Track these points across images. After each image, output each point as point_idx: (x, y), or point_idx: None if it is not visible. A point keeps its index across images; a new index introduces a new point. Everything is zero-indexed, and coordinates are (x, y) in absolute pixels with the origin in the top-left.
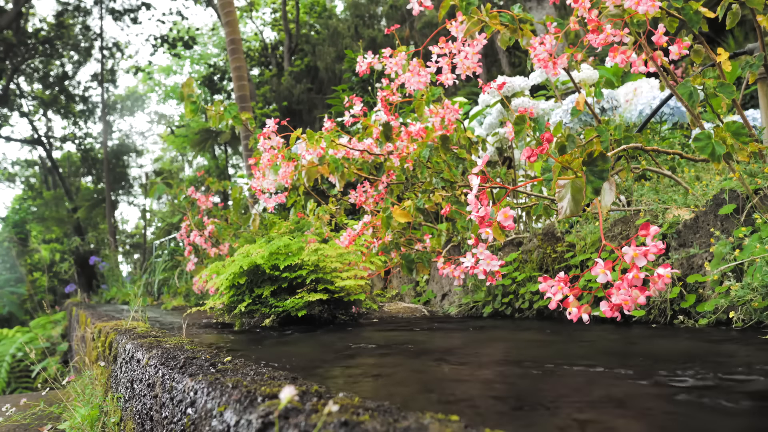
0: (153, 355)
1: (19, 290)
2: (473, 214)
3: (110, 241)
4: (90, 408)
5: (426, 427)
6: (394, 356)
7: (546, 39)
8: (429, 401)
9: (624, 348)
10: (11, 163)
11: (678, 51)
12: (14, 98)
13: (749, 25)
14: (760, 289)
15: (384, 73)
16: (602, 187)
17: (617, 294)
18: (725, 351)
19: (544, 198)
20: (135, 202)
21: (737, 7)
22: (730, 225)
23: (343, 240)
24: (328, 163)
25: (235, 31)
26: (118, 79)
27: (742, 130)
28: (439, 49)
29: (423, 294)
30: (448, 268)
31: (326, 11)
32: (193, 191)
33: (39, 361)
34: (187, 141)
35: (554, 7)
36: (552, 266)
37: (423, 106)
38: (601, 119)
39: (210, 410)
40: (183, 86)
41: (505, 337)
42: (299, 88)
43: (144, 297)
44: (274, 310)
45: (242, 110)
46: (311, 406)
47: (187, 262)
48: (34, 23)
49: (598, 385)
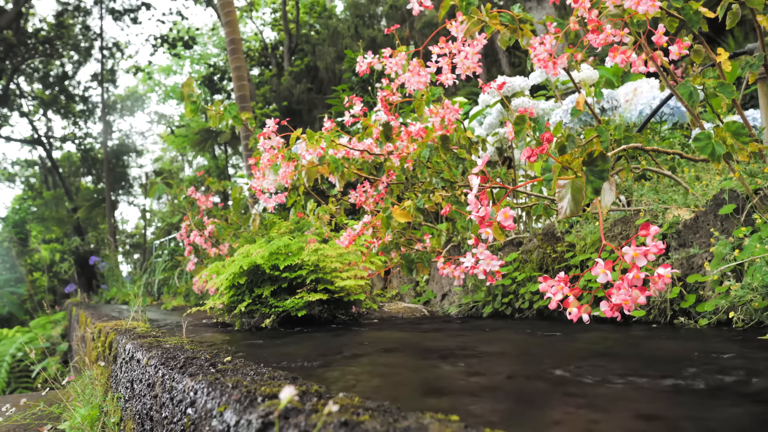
0: (153, 355)
1: (19, 290)
2: (473, 214)
3: (110, 241)
4: (90, 408)
5: (426, 427)
6: (394, 356)
7: (546, 39)
8: (429, 401)
9: (624, 348)
10: (11, 163)
11: (678, 51)
12: (14, 98)
13: (749, 25)
14: (760, 289)
15: (384, 73)
16: (602, 187)
17: (617, 294)
18: (725, 351)
19: (544, 198)
20: (135, 202)
21: (737, 7)
22: (730, 225)
23: (343, 240)
24: (328, 163)
25: (235, 31)
26: (118, 79)
27: (742, 130)
28: (439, 49)
29: (423, 294)
30: (448, 268)
31: (326, 11)
32: (193, 191)
33: (39, 361)
34: (187, 141)
35: (554, 7)
36: (552, 266)
37: (423, 106)
38: (601, 119)
39: (210, 410)
40: (183, 86)
41: (505, 337)
42: (299, 88)
43: (144, 297)
44: (274, 310)
45: (242, 110)
46: (311, 406)
47: (187, 262)
48: (34, 23)
49: (598, 385)
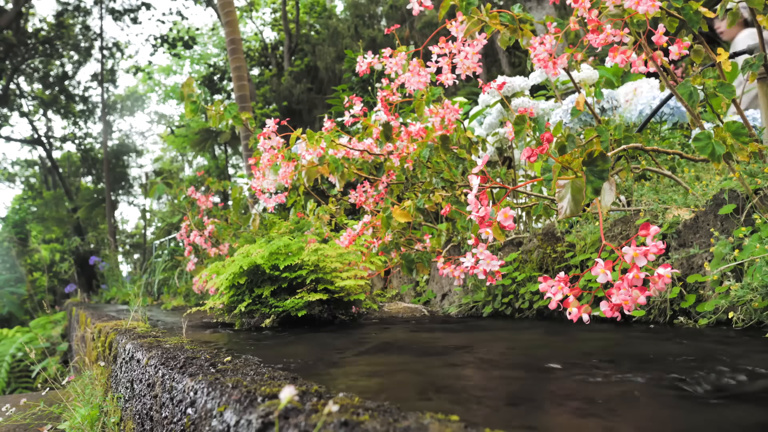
0: (153, 355)
1: (19, 290)
2: (473, 214)
3: (110, 241)
4: (90, 408)
5: (426, 427)
6: (394, 356)
7: (546, 39)
8: (429, 401)
9: (624, 348)
10: (11, 163)
11: (678, 51)
12: (14, 98)
13: None
14: (760, 289)
15: (384, 73)
16: (602, 187)
17: (617, 294)
18: (725, 351)
19: (544, 198)
20: (135, 202)
21: (737, 7)
22: (730, 225)
23: (343, 240)
24: (328, 163)
25: (235, 31)
26: (118, 79)
27: (742, 130)
28: (439, 49)
29: (423, 294)
30: (448, 268)
31: (326, 11)
32: (193, 191)
33: (39, 361)
34: (187, 141)
35: (554, 7)
36: (552, 266)
37: (423, 106)
38: (601, 119)
39: (210, 410)
40: (183, 86)
41: (505, 337)
42: (299, 88)
43: (144, 297)
44: (274, 310)
45: (242, 110)
46: (311, 406)
47: (187, 262)
48: (34, 23)
49: (598, 385)
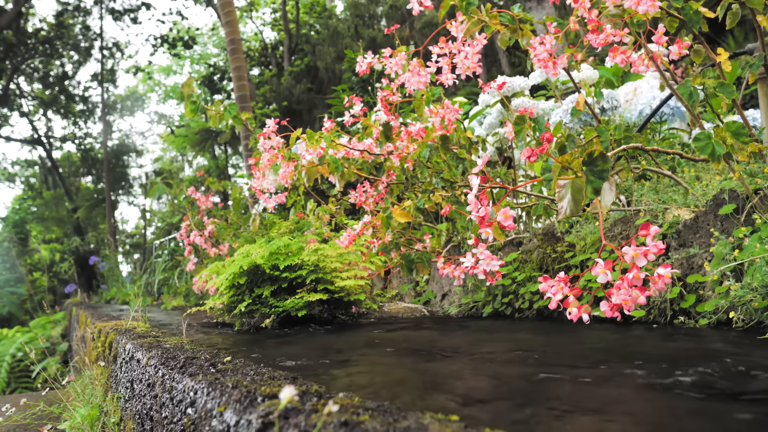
0: (153, 355)
1: (19, 290)
2: (473, 214)
3: (110, 241)
4: (90, 408)
5: (426, 427)
6: (394, 356)
7: (546, 39)
8: (429, 401)
9: (624, 348)
10: (11, 163)
11: (678, 51)
12: (14, 98)
13: (749, 25)
14: (760, 290)
15: (384, 73)
16: (602, 187)
17: (617, 294)
18: (725, 351)
19: (544, 198)
20: (135, 202)
21: (737, 7)
22: (730, 225)
23: (343, 240)
24: (328, 163)
25: (235, 31)
26: (118, 79)
27: (742, 130)
28: (439, 49)
29: (423, 294)
30: (448, 268)
31: (326, 11)
32: (193, 191)
33: (39, 361)
34: (187, 141)
35: (554, 7)
36: (552, 266)
37: (423, 106)
38: (601, 119)
39: (210, 410)
40: (183, 86)
41: (505, 337)
42: (299, 88)
43: (144, 297)
44: (274, 310)
45: (242, 110)
46: (311, 406)
47: (187, 262)
48: (34, 23)
49: (598, 385)
